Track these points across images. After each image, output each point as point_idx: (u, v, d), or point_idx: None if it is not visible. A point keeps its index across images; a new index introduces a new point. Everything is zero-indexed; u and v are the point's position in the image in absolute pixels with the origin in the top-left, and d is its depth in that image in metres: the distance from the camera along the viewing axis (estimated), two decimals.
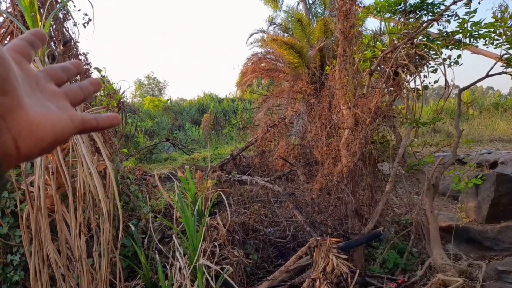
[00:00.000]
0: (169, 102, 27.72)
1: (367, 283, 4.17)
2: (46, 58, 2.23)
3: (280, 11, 14.98)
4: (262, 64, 9.04)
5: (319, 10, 16.01)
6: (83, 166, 2.09)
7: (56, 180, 2.26)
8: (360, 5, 5.62)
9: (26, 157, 0.43)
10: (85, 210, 2.32)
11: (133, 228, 3.22)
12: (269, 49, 9.33)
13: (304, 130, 7.03)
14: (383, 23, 5.48)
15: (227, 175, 6.21)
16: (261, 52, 9.64)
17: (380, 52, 5.01)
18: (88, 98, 0.59)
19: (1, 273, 3.05)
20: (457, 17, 4.59)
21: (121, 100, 7.77)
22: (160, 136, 15.12)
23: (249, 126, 10.56)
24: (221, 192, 3.38)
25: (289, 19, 10.47)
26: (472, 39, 4.68)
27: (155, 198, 4.62)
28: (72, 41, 3.74)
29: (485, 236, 5.18)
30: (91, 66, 3.96)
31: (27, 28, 2.23)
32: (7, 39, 3.70)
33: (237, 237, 3.68)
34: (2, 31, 3.77)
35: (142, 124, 14.87)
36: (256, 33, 10.56)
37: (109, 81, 6.46)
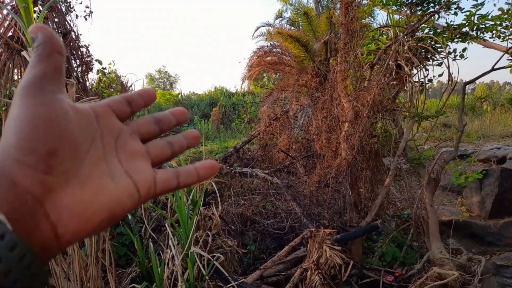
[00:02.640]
0: (180, 96, 27.91)
1: (364, 275, 4.18)
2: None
3: (290, 4, 14.82)
4: (268, 58, 9.04)
5: (330, 4, 15.81)
6: None
7: None
8: None
9: (68, 244, 0.35)
10: None
11: (129, 217, 3.30)
12: (275, 43, 9.31)
13: (308, 124, 7.03)
14: (391, 16, 5.42)
15: (228, 167, 6.27)
16: (267, 46, 9.64)
17: (383, 45, 4.97)
18: (179, 154, 0.48)
19: None
20: (460, 10, 4.52)
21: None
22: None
23: (254, 120, 10.59)
24: (213, 183, 3.43)
25: (296, 12, 10.41)
26: (479, 32, 4.61)
27: None
28: (74, 33, 3.81)
29: (487, 231, 5.14)
30: (92, 58, 4.04)
31: (22, 20, 2.29)
32: (11, 31, 3.80)
33: (233, 227, 3.73)
34: (6, 23, 3.88)
35: None
36: (262, 26, 10.54)
37: (117, 74, 6.54)
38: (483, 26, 4.56)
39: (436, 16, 4.69)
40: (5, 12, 3.75)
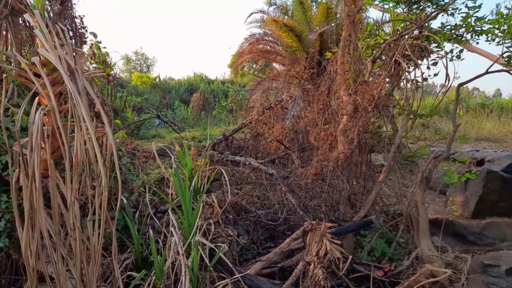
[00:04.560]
0: (157, 79, 27.20)
1: (355, 269, 4.18)
2: (46, 13, 2.07)
3: None
4: (259, 46, 8.87)
5: None
6: (81, 130, 1.97)
7: (51, 144, 2.13)
8: None
9: None
10: (81, 177, 2.21)
11: (125, 201, 3.12)
12: (267, 31, 9.14)
13: (299, 116, 6.96)
14: (385, 14, 5.39)
15: (219, 155, 6.11)
16: (259, 33, 9.46)
17: (382, 40, 4.94)
18: None
19: None
20: (460, 10, 4.54)
21: (111, 73, 7.51)
22: (148, 113, 14.85)
23: (242, 108, 10.42)
24: (222, 169, 3.29)
25: (290, 1, 10.24)
26: (474, 35, 4.67)
27: (145, 173, 4.50)
28: (69, 2, 3.53)
29: (470, 231, 5.26)
30: (86, 30, 3.76)
31: None
32: None
33: (230, 216, 3.61)
34: None
35: (131, 99, 14.55)
36: (255, 12, 10.30)
37: (100, 47, 6.15)
38: (479, 28, 4.61)
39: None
40: None
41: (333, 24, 7.68)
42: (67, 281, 2.28)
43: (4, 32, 3.18)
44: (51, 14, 3.18)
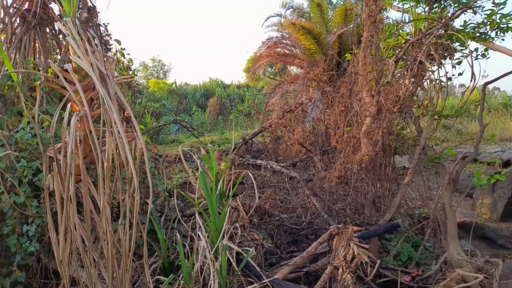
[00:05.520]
0: (174, 85, 27.50)
1: (381, 274, 4.09)
2: (77, 21, 2.11)
3: None
4: (277, 49, 8.86)
5: None
6: (112, 135, 1.98)
7: (83, 149, 2.15)
8: None
9: None
10: (112, 181, 2.23)
11: (151, 206, 3.13)
12: (285, 34, 9.12)
13: (318, 118, 6.90)
14: (404, 14, 5.32)
15: (240, 159, 6.11)
16: (277, 37, 9.44)
17: (403, 40, 4.87)
18: None
19: (15, 244, 2.97)
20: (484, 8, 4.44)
21: (135, 79, 7.60)
22: (166, 118, 15.01)
23: (260, 112, 10.39)
24: (249, 173, 3.28)
25: (307, 3, 10.19)
26: (499, 32, 4.56)
27: (168, 178, 4.53)
28: (94, 11, 3.61)
29: (499, 234, 5.10)
30: (111, 38, 3.82)
31: None
32: (27, 4, 3.57)
33: (254, 220, 3.59)
34: None
35: (150, 105, 14.75)
36: (273, 16, 10.31)
37: (124, 54, 6.26)
38: (505, 25, 4.50)
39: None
40: None
41: (351, 25, 7.61)
42: (99, 284, 2.30)
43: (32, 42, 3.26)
44: (78, 22, 3.24)
